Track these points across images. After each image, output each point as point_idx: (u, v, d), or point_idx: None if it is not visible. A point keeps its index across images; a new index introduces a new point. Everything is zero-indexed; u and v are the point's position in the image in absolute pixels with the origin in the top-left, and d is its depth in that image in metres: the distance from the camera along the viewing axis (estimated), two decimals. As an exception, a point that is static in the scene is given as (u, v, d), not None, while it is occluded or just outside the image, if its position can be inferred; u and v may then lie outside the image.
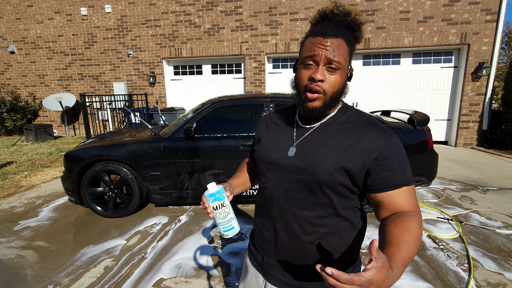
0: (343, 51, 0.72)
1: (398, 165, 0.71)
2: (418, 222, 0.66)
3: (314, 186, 0.75)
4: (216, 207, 0.78)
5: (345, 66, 0.74)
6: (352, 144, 0.73)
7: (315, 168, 0.74)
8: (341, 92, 0.76)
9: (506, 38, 16.32)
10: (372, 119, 0.77)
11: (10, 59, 8.94)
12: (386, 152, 0.71)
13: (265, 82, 7.70)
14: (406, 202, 0.70)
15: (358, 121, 0.77)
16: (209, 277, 2.09)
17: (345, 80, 0.76)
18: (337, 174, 0.72)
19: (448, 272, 2.11)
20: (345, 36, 0.73)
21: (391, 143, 0.72)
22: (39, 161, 5.50)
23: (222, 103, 3.15)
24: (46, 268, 2.22)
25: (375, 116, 2.99)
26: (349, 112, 0.81)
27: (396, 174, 0.71)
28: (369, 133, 0.73)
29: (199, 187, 3.08)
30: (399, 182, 0.71)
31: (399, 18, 6.71)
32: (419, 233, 0.64)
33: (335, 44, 0.71)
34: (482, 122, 6.73)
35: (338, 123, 0.78)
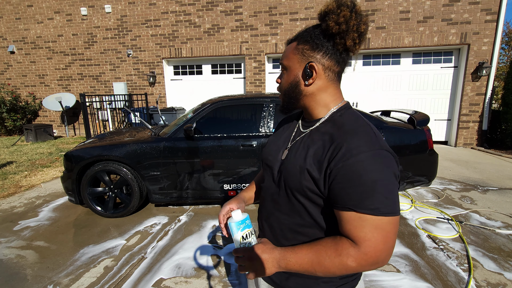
0: (290, 53, 0.75)
1: (355, 187, 0.60)
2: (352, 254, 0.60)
3: (288, 191, 0.74)
4: (246, 236, 0.72)
5: (290, 66, 0.76)
6: (321, 150, 0.68)
7: (288, 171, 0.74)
8: (291, 91, 0.77)
9: (506, 38, 16.32)
10: (356, 127, 0.68)
11: (10, 59, 8.94)
12: (346, 166, 0.61)
13: (265, 82, 7.70)
14: (352, 230, 0.61)
15: (338, 128, 0.70)
16: (209, 277, 2.09)
17: (295, 79, 0.75)
18: (303, 178, 0.69)
19: (448, 272, 2.11)
20: (298, 37, 0.75)
21: (359, 160, 0.61)
22: (39, 161, 5.50)
23: (222, 103, 3.14)
24: (46, 268, 2.22)
25: (366, 120, 2.88)
26: (336, 119, 0.73)
27: (350, 194, 0.61)
28: (340, 140, 0.66)
29: (199, 187, 3.08)
30: (347, 205, 0.61)
31: (399, 18, 6.71)
32: (334, 262, 0.61)
33: (286, 49, 0.77)
34: (482, 122, 6.73)
35: (320, 130, 0.74)
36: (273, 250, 0.68)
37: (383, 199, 0.60)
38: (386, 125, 3.11)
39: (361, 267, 0.61)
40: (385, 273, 2.12)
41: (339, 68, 0.74)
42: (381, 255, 0.60)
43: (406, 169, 3.07)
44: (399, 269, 2.15)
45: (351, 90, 7.46)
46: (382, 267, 2.19)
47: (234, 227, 0.72)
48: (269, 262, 0.66)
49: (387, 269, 2.16)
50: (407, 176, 3.10)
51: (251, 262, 0.67)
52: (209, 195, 3.12)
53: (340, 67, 0.74)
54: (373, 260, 0.60)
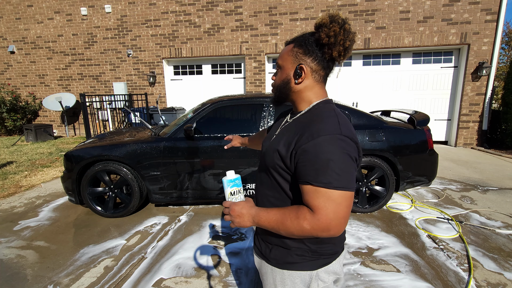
0: (285, 54, 0.88)
1: (312, 163, 0.73)
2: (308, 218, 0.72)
3: (266, 168, 0.90)
4: (233, 192, 0.87)
5: (284, 65, 0.89)
6: (292, 135, 0.82)
7: (266, 153, 0.90)
8: (282, 87, 0.90)
9: (506, 38, 16.32)
10: (325, 116, 0.81)
11: (10, 59, 8.94)
12: (305, 146, 0.75)
13: (265, 82, 7.70)
14: (310, 201, 0.73)
15: (310, 118, 0.84)
16: (209, 277, 2.09)
17: (287, 77, 0.88)
18: (275, 156, 0.84)
19: (448, 272, 2.11)
20: (295, 41, 0.88)
21: (319, 140, 0.74)
22: (39, 161, 5.50)
23: (222, 103, 3.15)
24: (46, 268, 2.22)
25: (345, 108, 3.13)
26: (313, 110, 0.87)
27: (307, 170, 0.74)
28: (308, 126, 0.79)
29: (199, 187, 3.08)
30: (306, 179, 0.74)
31: (399, 18, 6.71)
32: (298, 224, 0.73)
33: (283, 50, 0.90)
34: (482, 122, 6.73)
35: (298, 120, 0.88)
36: (251, 208, 0.83)
37: (336, 176, 0.71)
38: (386, 125, 3.11)
39: (314, 231, 0.72)
40: (385, 273, 2.12)
41: (324, 72, 0.88)
42: (331, 223, 0.71)
43: (406, 169, 3.07)
44: (399, 269, 2.15)
45: (351, 90, 7.46)
46: (382, 267, 2.19)
47: (225, 183, 0.87)
48: (245, 216, 0.82)
49: (387, 269, 2.16)
50: (407, 176, 3.10)
51: (233, 214, 0.83)
52: (209, 195, 3.12)
53: (325, 72, 0.88)
54: (324, 226, 0.71)
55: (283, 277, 0.89)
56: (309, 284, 0.87)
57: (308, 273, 0.87)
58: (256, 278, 2.06)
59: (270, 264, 0.92)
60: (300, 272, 0.87)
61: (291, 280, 0.88)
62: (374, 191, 3.13)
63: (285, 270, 0.89)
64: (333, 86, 7.50)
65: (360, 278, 2.06)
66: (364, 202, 3.14)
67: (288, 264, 0.88)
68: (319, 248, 0.87)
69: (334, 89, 7.54)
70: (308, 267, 0.87)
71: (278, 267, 0.90)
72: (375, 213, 3.16)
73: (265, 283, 0.97)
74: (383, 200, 3.11)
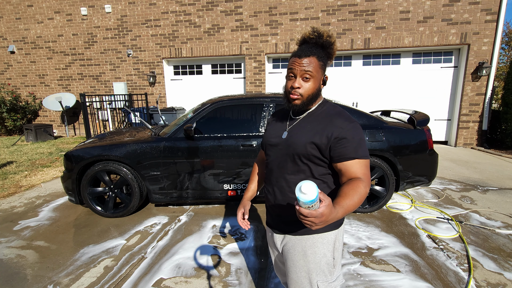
0: (314, 65, 1.02)
1: (352, 144, 0.98)
2: (364, 184, 0.93)
3: (295, 157, 1.05)
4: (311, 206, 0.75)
5: (316, 76, 1.03)
6: (321, 128, 1.02)
7: (295, 144, 1.05)
8: (315, 94, 1.06)
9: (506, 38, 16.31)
10: (339, 111, 1.06)
11: (10, 59, 8.94)
12: (343, 134, 0.98)
13: (265, 82, 7.70)
14: (357, 170, 0.96)
15: (329, 112, 1.06)
16: (209, 277, 2.09)
17: (318, 86, 1.06)
18: (309, 147, 1.02)
19: (448, 272, 2.11)
20: (316, 54, 1.02)
21: (348, 128, 0.99)
22: (39, 161, 5.50)
23: (222, 103, 3.14)
24: (46, 268, 2.22)
25: (345, 108, 3.26)
26: (326, 106, 1.10)
27: (350, 150, 0.98)
28: (334, 120, 1.02)
29: (199, 187, 3.08)
30: (351, 156, 0.97)
31: (399, 18, 6.71)
32: (362, 191, 0.90)
33: (307, 61, 1.01)
34: (482, 122, 6.73)
35: (316, 114, 1.08)
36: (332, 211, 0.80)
37: (365, 149, 1.00)
38: (386, 125, 3.11)
39: (367, 192, 0.93)
40: (385, 273, 2.12)
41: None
42: (370, 182, 0.98)
43: (406, 169, 3.07)
44: (399, 269, 2.15)
45: (351, 90, 7.47)
46: (382, 267, 2.19)
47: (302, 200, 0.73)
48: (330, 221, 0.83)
49: (387, 269, 2.16)
50: (407, 176, 3.10)
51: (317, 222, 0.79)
52: (209, 195, 3.12)
53: None
54: (369, 185, 0.95)
55: (313, 241, 1.06)
56: (334, 242, 1.07)
57: (334, 232, 1.07)
58: (257, 278, 2.06)
59: (298, 235, 1.08)
60: (328, 233, 1.06)
61: (321, 241, 1.06)
62: (374, 191, 3.13)
63: (315, 235, 1.06)
64: (333, 86, 7.50)
65: (360, 278, 2.06)
66: (364, 202, 3.14)
67: (317, 230, 1.05)
68: None
69: (335, 89, 7.54)
70: (333, 227, 1.07)
71: (307, 234, 1.07)
72: (375, 213, 3.16)
73: (291, 256, 1.10)
74: (383, 200, 3.11)
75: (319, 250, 1.05)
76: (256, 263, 2.24)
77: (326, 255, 1.05)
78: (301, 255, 1.06)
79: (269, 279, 2.05)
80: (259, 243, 2.55)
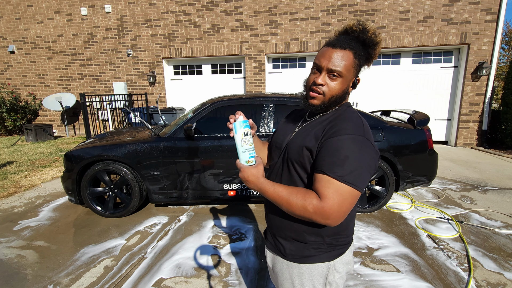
0: (347, 63, 0.84)
1: (331, 156, 0.77)
2: (310, 201, 0.75)
3: (289, 163, 0.91)
4: (246, 133, 0.87)
5: (347, 75, 0.85)
6: (320, 130, 0.85)
7: (291, 148, 0.91)
8: (340, 97, 0.88)
9: (506, 38, 16.32)
10: (352, 117, 0.86)
11: (10, 59, 8.94)
12: (331, 141, 0.79)
13: (265, 82, 7.70)
14: (320, 187, 0.77)
15: (337, 117, 0.87)
16: (209, 277, 2.09)
17: (346, 87, 0.88)
18: (302, 152, 0.86)
19: (448, 272, 2.11)
20: (354, 50, 0.84)
21: (343, 137, 0.78)
22: (39, 161, 5.50)
23: (222, 103, 3.15)
24: (46, 268, 2.22)
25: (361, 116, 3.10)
26: (340, 111, 0.91)
27: (326, 161, 0.78)
28: (334, 123, 0.84)
29: (199, 187, 3.08)
30: (322, 168, 0.78)
31: (399, 18, 6.71)
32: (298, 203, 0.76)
33: (341, 55, 0.83)
34: (482, 122, 6.73)
35: (325, 118, 0.90)
36: (258, 178, 0.82)
37: (349, 172, 0.75)
38: (386, 125, 3.11)
39: (315, 215, 0.75)
40: (385, 273, 2.12)
41: None
42: (333, 214, 0.74)
43: (406, 169, 3.07)
44: (399, 269, 2.15)
45: (351, 90, 7.45)
46: (382, 267, 2.19)
47: (238, 124, 0.86)
48: (251, 184, 0.83)
49: (387, 269, 2.16)
50: (407, 176, 3.10)
51: (242, 177, 0.84)
52: (209, 195, 3.12)
53: None
54: (325, 215, 0.74)
55: (300, 271, 0.91)
56: (326, 276, 0.90)
57: (326, 264, 0.89)
58: (257, 278, 2.06)
59: (286, 259, 0.94)
60: (317, 264, 0.89)
61: (309, 273, 0.90)
62: (374, 191, 3.13)
63: (302, 264, 0.90)
64: (333, 86, 7.49)
65: (360, 278, 2.06)
66: (364, 202, 3.14)
67: (305, 258, 0.90)
68: (335, 240, 0.90)
69: (334, 89, 7.52)
70: (325, 258, 0.89)
71: (294, 261, 0.92)
72: (375, 213, 3.16)
73: (280, 279, 0.97)
74: (383, 200, 3.11)
75: (307, 282, 0.90)
76: (256, 263, 2.24)
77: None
78: (289, 283, 0.94)
79: (269, 279, 2.05)
80: (259, 243, 2.55)
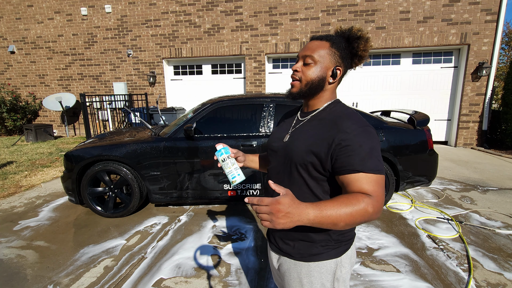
0: (321, 49, 0.88)
1: (358, 153, 0.78)
2: (368, 201, 0.72)
3: (292, 166, 0.90)
4: (224, 159, 1.01)
5: (321, 61, 0.89)
6: (323, 132, 0.85)
7: (292, 151, 0.90)
8: (316, 84, 0.90)
9: (506, 38, 16.32)
10: (350, 113, 0.87)
11: (10, 59, 8.94)
12: (348, 140, 0.79)
13: (265, 82, 7.70)
14: (363, 186, 0.76)
15: (336, 114, 0.89)
16: (209, 277, 2.09)
17: (322, 74, 0.90)
18: (307, 156, 0.85)
19: (448, 272, 2.11)
20: (331, 41, 0.89)
21: (356, 132, 0.80)
22: (39, 161, 5.50)
23: (222, 103, 3.15)
24: (46, 268, 2.22)
25: (358, 112, 3.16)
26: (334, 107, 0.93)
27: (355, 160, 0.77)
28: (339, 123, 0.83)
29: (199, 187, 3.08)
30: (356, 168, 0.77)
31: (399, 18, 6.71)
32: (360, 207, 0.71)
33: (316, 44, 0.89)
34: (482, 122, 6.73)
35: (321, 117, 0.92)
36: (299, 205, 0.70)
37: (377, 162, 0.78)
38: (386, 125, 3.11)
39: (374, 213, 0.73)
40: (385, 273, 2.12)
41: (342, 78, 0.96)
42: (381, 206, 0.75)
43: (406, 169, 3.07)
44: (399, 269, 2.15)
45: (351, 90, 7.46)
46: (382, 267, 2.19)
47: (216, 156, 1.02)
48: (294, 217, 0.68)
49: (387, 269, 2.16)
50: (407, 176, 3.10)
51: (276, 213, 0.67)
52: (209, 195, 3.12)
53: (343, 78, 0.97)
54: (379, 207, 0.74)
55: (309, 269, 0.92)
56: (335, 272, 0.92)
57: (334, 260, 0.91)
58: (257, 278, 2.06)
59: (293, 259, 0.95)
60: (326, 261, 0.91)
61: (318, 270, 0.91)
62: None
63: (311, 262, 0.92)
64: (333, 86, 7.49)
65: (360, 278, 2.06)
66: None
67: (313, 256, 0.91)
68: (341, 236, 0.92)
69: (334, 89, 7.53)
70: (333, 255, 0.91)
71: (303, 260, 0.93)
72: (375, 213, 3.16)
73: (287, 279, 0.97)
74: (383, 200, 3.11)
75: (316, 280, 0.92)
76: (256, 263, 2.24)
77: (325, 285, 0.92)
78: (297, 282, 0.95)
79: (269, 279, 2.05)
80: (259, 243, 2.55)
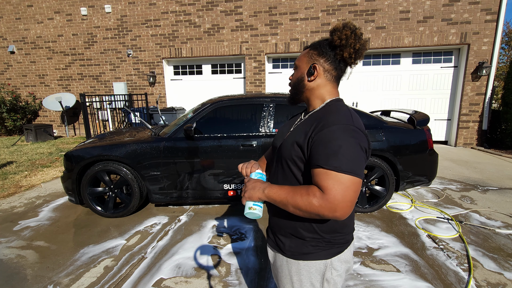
0: (302, 56, 0.98)
1: (325, 149, 0.79)
2: (314, 195, 0.76)
3: (283, 161, 0.95)
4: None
5: (300, 65, 0.97)
6: (308, 125, 0.89)
7: (283, 146, 0.96)
8: (297, 84, 0.99)
9: (506, 38, 16.31)
10: (337, 110, 0.89)
11: (10, 59, 8.94)
12: (321, 134, 0.81)
13: (265, 82, 7.70)
14: (320, 182, 0.77)
15: (327, 110, 0.91)
16: (209, 277, 2.09)
17: (300, 75, 0.97)
18: (293, 148, 0.90)
19: (448, 272, 2.11)
20: (311, 46, 0.97)
21: (333, 129, 0.80)
22: (39, 161, 5.50)
23: (222, 103, 3.14)
24: (46, 268, 2.22)
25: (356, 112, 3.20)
26: (331, 105, 0.93)
27: (320, 155, 0.79)
28: (323, 118, 0.86)
29: (199, 187, 3.08)
30: (318, 163, 0.79)
31: (399, 18, 6.71)
32: (304, 199, 0.77)
33: (301, 53, 0.99)
34: (482, 122, 6.73)
35: (313, 115, 0.94)
36: (263, 182, 0.91)
37: (345, 161, 0.76)
38: (386, 125, 3.11)
39: (321, 208, 0.76)
40: (385, 273, 2.12)
41: (336, 73, 0.95)
42: (339, 205, 0.75)
43: (406, 169, 3.07)
44: (399, 269, 2.15)
45: (351, 90, 7.46)
46: (382, 267, 2.19)
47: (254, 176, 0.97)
48: (257, 188, 0.89)
49: (387, 269, 2.16)
50: (407, 176, 3.10)
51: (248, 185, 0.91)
52: (209, 195, 3.12)
53: (337, 72, 0.95)
54: (331, 206, 0.75)
55: (298, 267, 0.94)
56: (324, 273, 0.93)
57: (323, 262, 0.92)
58: (257, 278, 2.06)
59: (285, 256, 0.97)
60: (315, 261, 0.92)
61: (307, 270, 0.93)
62: (374, 191, 3.13)
63: (300, 261, 0.94)
64: (333, 86, 7.49)
65: (360, 278, 2.06)
66: (364, 202, 3.14)
67: (303, 255, 0.93)
68: (333, 238, 0.92)
69: (334, 89, 7.52)
70: (323, 256, 0.92)
71: (293, 258, 0.95)
72: (375, 213, 3.16)
73: (280, 275, 1.01)
74: (383, 200, 3.11)
75: (305, 279, 0.94)
76: (256, 263, 2.24)
77: (314, 285, 0.93)
78: (288, 279, 0.97)
79: (269, 279, 2.05)
80: (259, 243, 2.55)
